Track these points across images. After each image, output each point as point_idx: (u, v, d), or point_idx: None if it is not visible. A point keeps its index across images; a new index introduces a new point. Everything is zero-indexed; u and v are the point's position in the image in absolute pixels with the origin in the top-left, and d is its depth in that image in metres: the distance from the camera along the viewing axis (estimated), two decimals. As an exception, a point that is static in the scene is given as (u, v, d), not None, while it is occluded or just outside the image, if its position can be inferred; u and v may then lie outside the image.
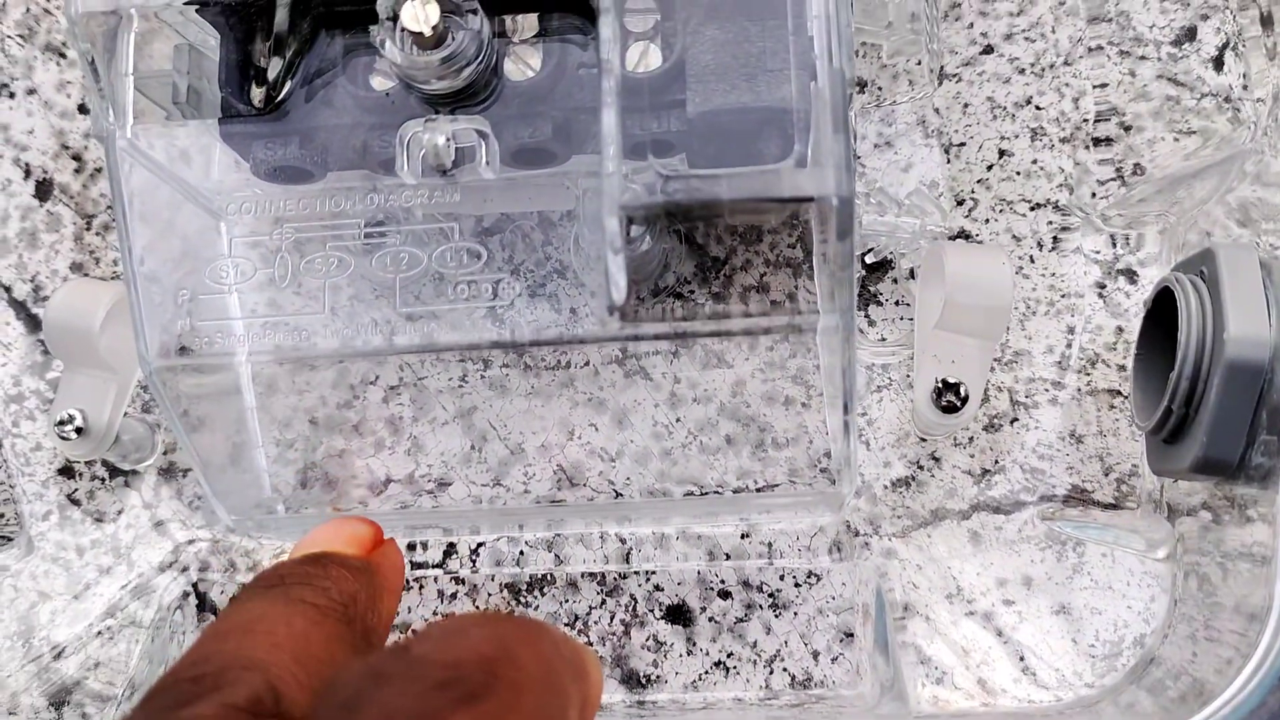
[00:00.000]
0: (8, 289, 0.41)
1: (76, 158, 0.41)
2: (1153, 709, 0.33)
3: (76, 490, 0.40)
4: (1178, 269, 0.33)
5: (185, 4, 0.30)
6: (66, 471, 0.40)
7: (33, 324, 0.40)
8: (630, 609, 0.38)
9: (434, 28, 0.29)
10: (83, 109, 0.41)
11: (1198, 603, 0.34)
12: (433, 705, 0.14)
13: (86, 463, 0.40)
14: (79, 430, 0.36)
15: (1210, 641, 0.32)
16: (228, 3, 0.30)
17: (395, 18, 0.29)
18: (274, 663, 0.17)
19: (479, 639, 0.16)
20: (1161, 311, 0.33)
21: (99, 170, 0.41)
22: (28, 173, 0.41)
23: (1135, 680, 0.35)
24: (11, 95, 0.41)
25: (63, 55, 0.41)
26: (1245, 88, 0.37)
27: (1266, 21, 0.34)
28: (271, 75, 0.31)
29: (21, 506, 0.39)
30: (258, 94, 0.31)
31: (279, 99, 0.31)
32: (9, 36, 0.41)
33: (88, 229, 0.41)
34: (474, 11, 0.30)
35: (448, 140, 0.31)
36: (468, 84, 0.30)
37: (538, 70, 0.32)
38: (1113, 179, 0.38)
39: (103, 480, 0.40)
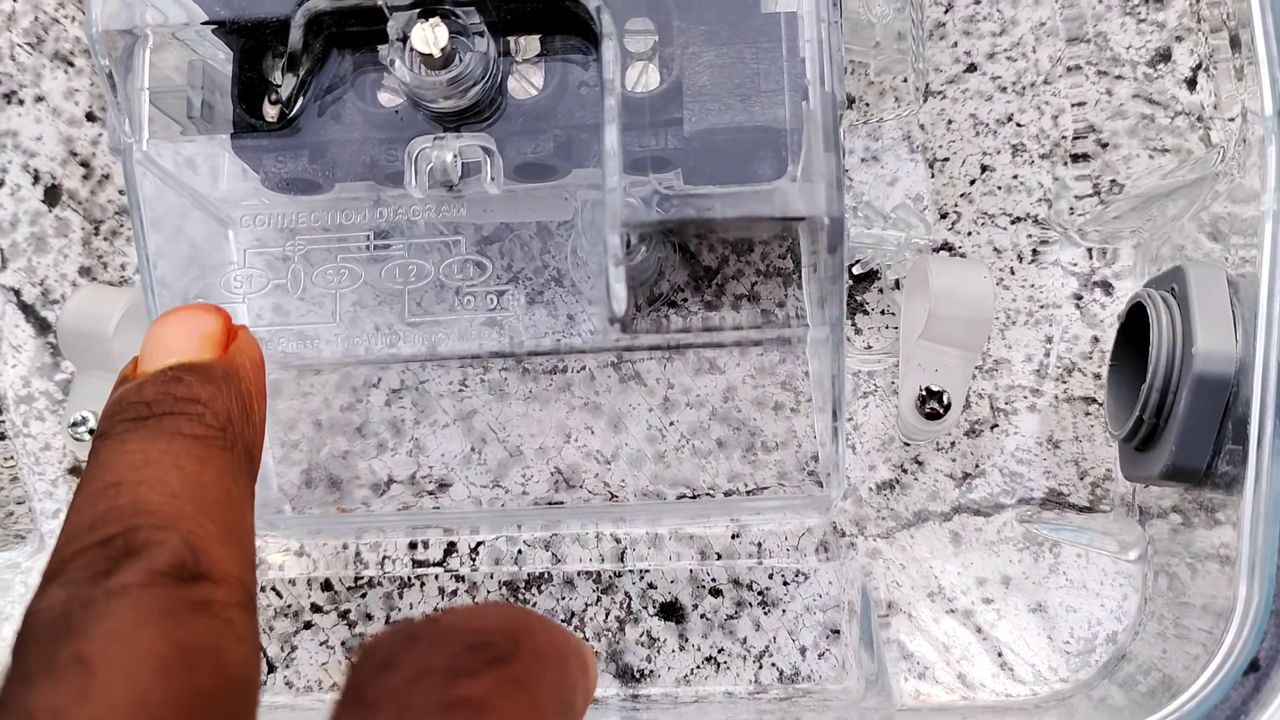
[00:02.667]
0: (17, 292, 0.41)
1: (85, 164, 0.42)
2: (1124, 703, 0.35)
3: (85, 489, 0.41)
4: (1150, 285, 0.35)
5: (204, 24, 0.31)
6: (76, 471, 0.41)
7: (41, 327, 0.41)
8: (625, 606, 0.39)
9: (442, 49, 0.30)
10: (90, 116, 0.42)
11: (1167, 601, 0.36)
12: (465, 664, 0.15)
13: (95, 463, 0.40)
14: (92, 431, 0.37)
15: (1179, 639, 0.34)
16: (244, 23, 0.31)
17: (405, 39, 0.30)
18: (180, 516, 0.17)
19: (500, 616, 0.17)
20: (1134, 325, 0.35)
21: (107, 176, 0.42)
22: (36, 178, 0.42)
23: (1107, 675, 0.37)
24: (20, 102, 0.42)
25: (71, 63, 0.42)
26: (1216, 107, 0.39)
27: (1235, 44, 0.36)
28: (285, 92, 0.32)
29: (33, 504, 0.40)
30: (271, 110, 0.33)
31: (292, 115, 0.32)
32: (18, 44, 0.42)
33: (95, 234, 0.42)
34: (481, 34, 0.31)
35: (455, 157, 0.32)
36: (474, 102, 0.32)
37: (540, 89, 0.33)
38: (1090, 195, 0.39)
39: (111, 480, 0.41)
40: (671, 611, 0.39)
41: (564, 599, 0.39)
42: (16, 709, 0.14)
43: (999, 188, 0.40)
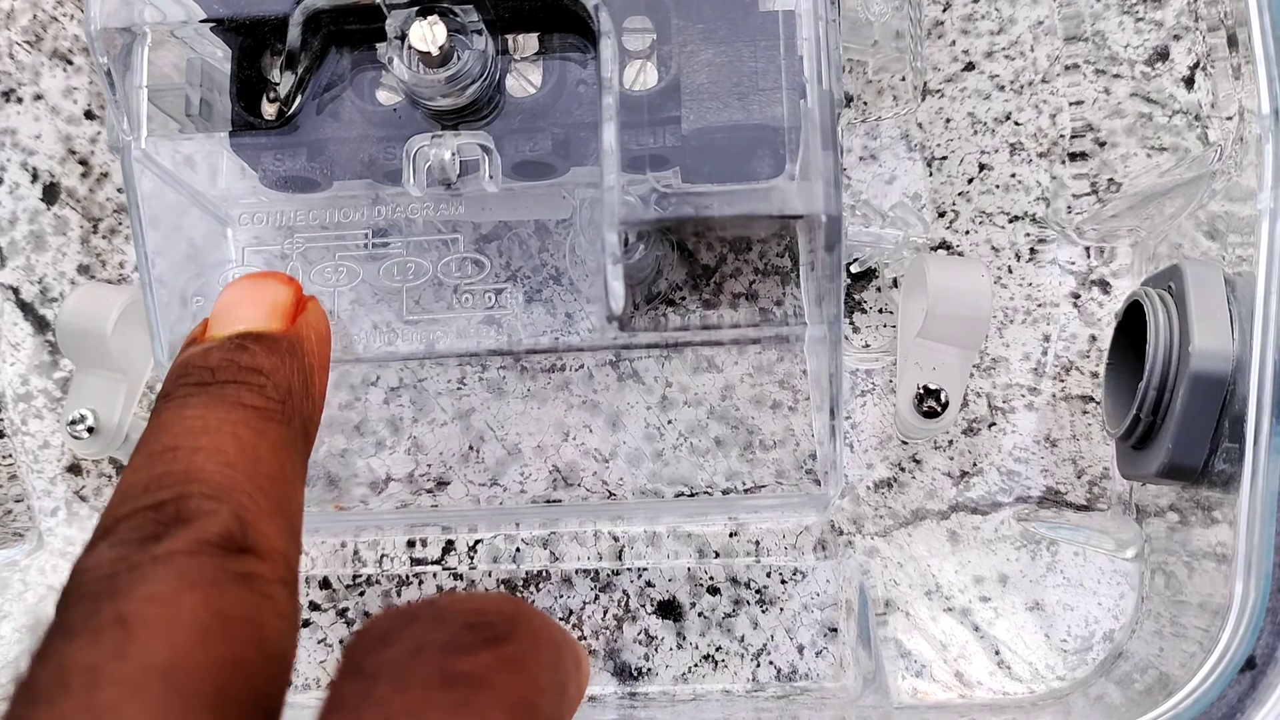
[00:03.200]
0: (15, 290, 0.42)
1: (83, 162, 0.42)
2: (1121, 701, 0.35)
3: (84, 487, 0.41)
4: (1147, 283, 0.35)
5: (202, 22, 0.31)
6: (74, 469, 0.41)
7: (40, 325, 0.41)
8: (623, 604, 0.39)
9: (440, 47, 0.30)
10: (89, 114, 0.42)
11: (1164, 600, 0.36)
12: (463, 641, 0.15)
13: (94, 460, 0.41)
14: (90, 429, 0.37)
15: (1176, 637, 0.34)
16: (242, 21, 0.31)
17: (404, 37, 0.30)
18: (234, 488, 0.17)
19: (497, 599, 0.17)
20: (1132, 324, 0.35)
21: (105, 175, 0.42)
22: (35, 176, 0.42)
23: (1104, 674, 0.37)
24: (19, 100, 0.42)
25: (69, 61, 0.42)
26: (1214, 106, 0.39)
27: (1232, 42, 0.36)
28: (283, 90, 0.32)
29: (32, 502, 0.40)
30: (269, 108, 0.33)
31: (290, 113, 0.32)
32: (16, 43, 0.42)
33: (94, 232, 0.42)
34: (479, 32, 0.31)
35: (453, 155, 0.32)
36: (472, 100, 0.32)
37: (539, 87, 0.33)
38: (1088, 193, 0.39)
39: (110, 477, 0.41)
40: (669, 610, 0.39)
41: (562, 597, 0.39)
42: (53, 662, 0.15)
43: (997, 186, 0.40)
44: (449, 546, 0.40)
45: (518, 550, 0.40)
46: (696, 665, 0.38)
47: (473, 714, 0.15)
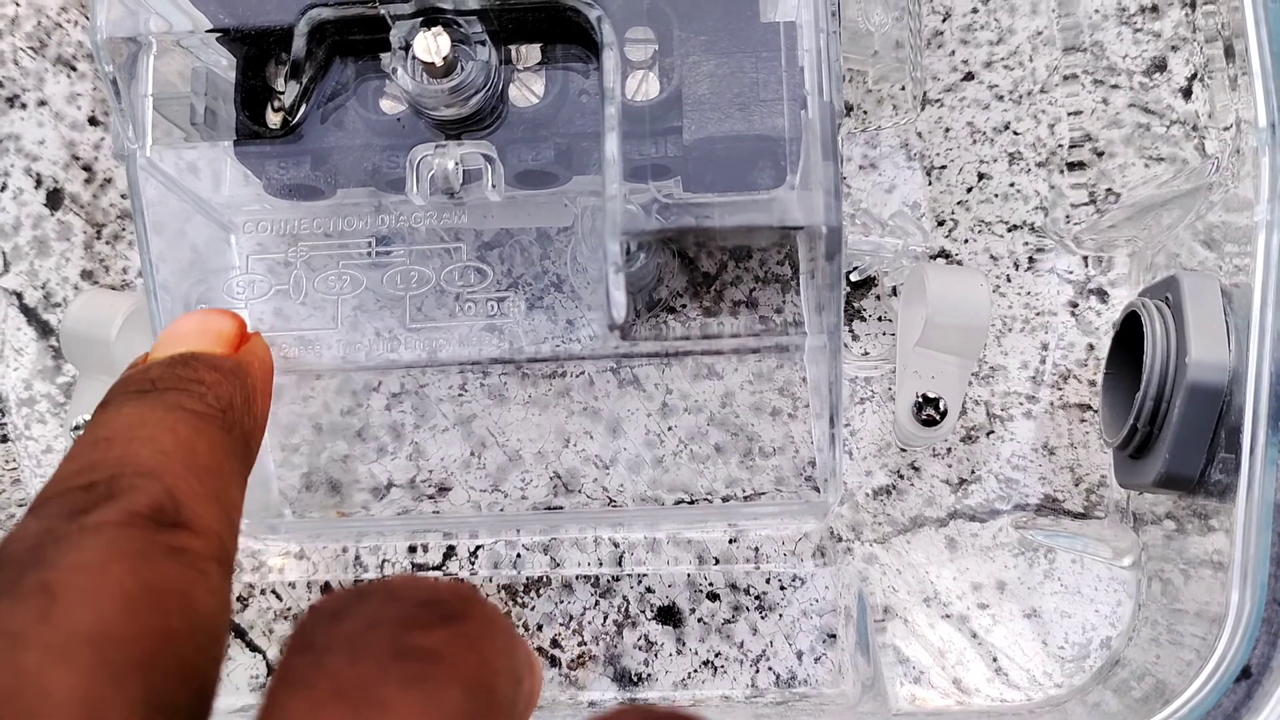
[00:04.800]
0: (19, 295, 0.42)
1: (87, 168, 0.42)
2: (1118, 708, 0.35)
3: (86, 492, 0.41)
4: (1144, 294, 0.35)
5: (208, 32, 0.31)
6: (77, 474, 0.41)
7: (43, 330, 0.42)
8: (623, 610, 0.39)
9: (444, 58, 0.30)
10: (93, 121, 0.42)
11: (1161, 608, 0.36)
12: (418, 617, 0.15)
13: (96, 465, 0.41)
14: (94, 435, 0.37)
15: (1173, 644, 0.34)
16: (247, 31, 0.31)
17: (408, 47, 0.31)
18: (167, 471, 0.17)
19: (451, 584, 0.16)
20: (1129, 334, 0.35)
21: (109, 180, 0.42)
22: (39, 182, 0.42)
23: (1101, 681, 0.37)
24: (23, 106, 0.42)
25: (73, 68, 0.43)
26: (1211, 117, 0.39)
27: (1229, 54, 0.36)
28: (288, 99, 0.32)
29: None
30: (273, 117, 0.33)
31: (294, 122, 0.32)
32: (21, 49, 0.42)
33: (98, 238, 0.42)
34: (482, 43, 0.31)
35: (456, 164, 0.32)
36: (475, 110, 0.32)
37: (541, 97, 0.33)
38: (1086, 203, 0.40)
39: (112, 482, 0.41)
40: (669, 615, 0.39)
41: (562, 603, 0.39)
42: None
43: (996, 195, 0.40)
44: (450, 552, 0.40)
45: (518, 556, 0.40)
46: (696, 671, 0.39)
47: (429, 687, 0.14)
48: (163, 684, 0.14)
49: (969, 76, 0.41)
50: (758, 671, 0.39)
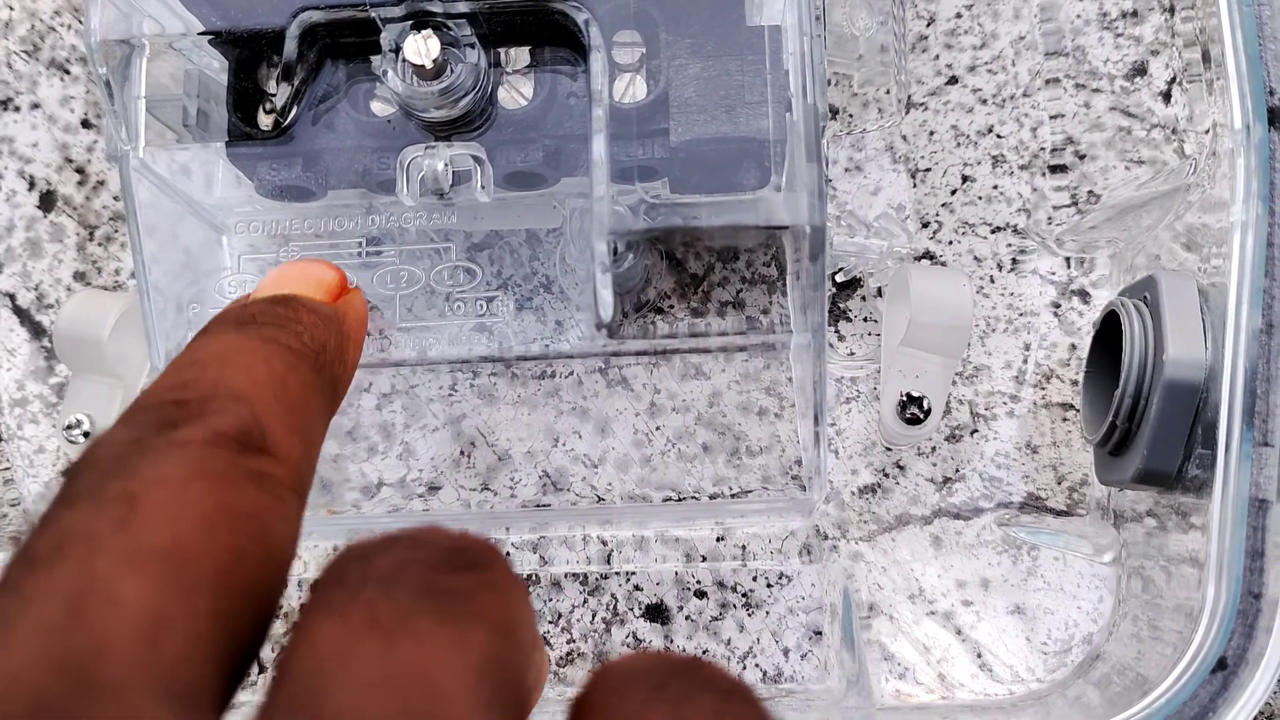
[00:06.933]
0: (11, 297, 0.42)
1: (80, 170, 0.43)
2: (1098, 702, 0.35)
3: (79, 491, 0.41)
4: (1123, 294, 0.36)
5: (200, 34, 0.31)
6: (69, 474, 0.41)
7: (36, 331, 0.42)
8: (611, 608, 0.40)
9: (434, 60, 0.31)
10: (86, 123, 0.43)
11: (1141, 603, 0.37)
12: (445, 561, 0.15)
13: (88, 465, 0.41)
14: (87, 434, 0.37)
15: (1154, 640, 0.35)
16: (239, 34, 0.32)
17: (398, 50, 0.31)
18: (257, 398, 0.17)
19: (473, 536, 0.16)
20: (1109, 333, 0.35)
21: (101, 182, 0.42)
22: (32, 184, 0.42)
23: (1082, 675, 0.37)
24: (16, 109, 0.43)
25: (67, 71, 0.43)
26: (1190, 120, 0.40)
27: (1206, 58, 0.37)
28: (280, 102, 0.32)
29: (28, 507, 0.41)
30: (265, 119, 0.33)
31: (286, 124, 0.33)
32: (14, 52, 0.43)
33: (90, 239, 0.42)
34: (472, 46, 0.31)
35: (446, 165, 0.33)
36: (465, 112, 0.32)
37: (530, 99, 0.34)
38: (1068, 205, 0.40)
39: (104, 482, 0.41)
40: (657, 613, 0.39)
41: (551, 600, 0.40)
42: (54, 528, 0.14)
43: (979, 198, 0.41)
44: (440, 550, 0.40)
45: (507, 554, 0.40)
46: (683, 668, 0.39)
47: (460, 624, 0.14)
48: (230, 604, 0.15)
49: (953, 80, 0.41)
50: (745, 668, 0.39)
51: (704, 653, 0.39)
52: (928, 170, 0.41)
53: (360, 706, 0.13)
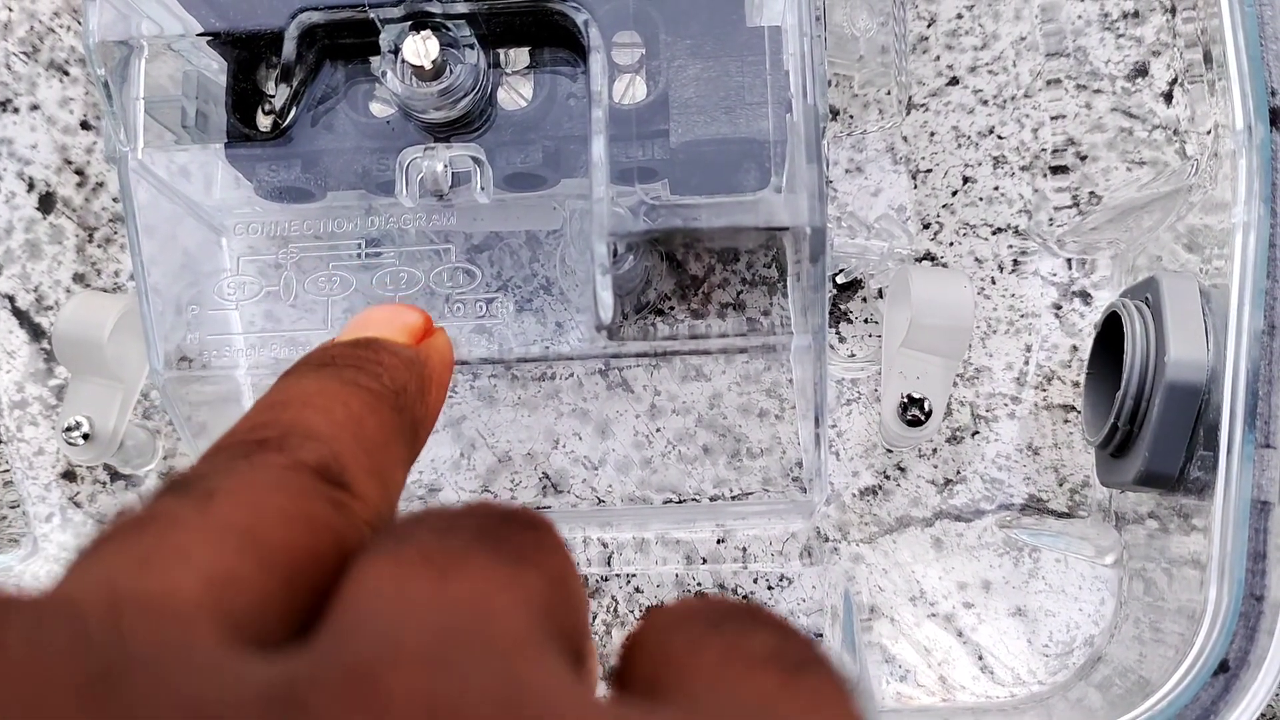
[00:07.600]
0: (11, 299, 0.42)
1: (79, 172, 0.43)
2: (1100, 704, 0.35)
3: (79, 493, 0.41)
4: (1125, 295, 0.36)
5: (199, 35, 0.31)
6: (69, 475, 0.41)
7: (35, 333, 0.42)
8: (612, 610, 0.39)
9: (433, 61, 0.31)
10: (85, 125, 0.43)
11: (1143, 605, 0.36)
12: (500, 523, 0.15)
13: (88, 467, 0.41)
14: (86, 436, 0.37)
15: (1156, 642, 0.35)
16: (238, 35, 0.32)
17: (397, 51, 0.31)
18: (336, 439, 0.17)
19: (524, 508, 0.17)
20: (1110, 334, 0.35)
21: (100, 184, 0.42)
22: (31, 186, 0.42)
23: (1084, 677, 0.37)
24: (16, 111, 0.43)
25: (65, 72, 0.43)
26: (1191, 120, 0.40)
27: (1208, 59, 0.37)
28: (279, 103, 0.32)
29: (27, 508, 0.41)
30: (264, 120, 0.33)
31: (285, 125, 0.33)
32: (13, 54, 0.43)
33: (89, 241, 0.42)
34: (471, 46, 0.31)
35: (445, 166, 0.32)
36: (464, 113, 0.32)
37: (529, 100, 0.34)
38: (1069, 206, 0.40)
39: (104, 484, 0.41)
40: (657, 615, 0.39)
41: (551, 602, 0.39)
42: (138, 513, 0.15)
43: (980, 199, 0.41)
44: (440, 552, 0.40)
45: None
46: (684, 670, 0.39)
47: (516, 568, 0.14)
48: (299, 594, 0.15)
49: (954, 81, 0.41)
50: (745, 670, 0.39)
51: (704, 655, 0.39)
52: (929, 171, 0.41)
53: (411, 627, 0.13)
